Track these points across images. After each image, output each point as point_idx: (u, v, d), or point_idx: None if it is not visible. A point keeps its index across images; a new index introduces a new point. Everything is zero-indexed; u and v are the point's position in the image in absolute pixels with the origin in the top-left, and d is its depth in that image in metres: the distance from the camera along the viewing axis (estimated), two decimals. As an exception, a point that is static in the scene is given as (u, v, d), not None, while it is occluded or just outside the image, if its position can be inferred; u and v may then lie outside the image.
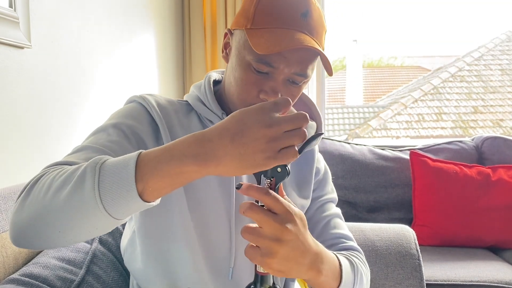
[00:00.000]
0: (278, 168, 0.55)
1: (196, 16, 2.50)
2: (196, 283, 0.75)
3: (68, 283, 0.81)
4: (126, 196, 0.51)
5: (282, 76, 0.71)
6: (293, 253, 0.56)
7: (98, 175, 0.52)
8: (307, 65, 0.71)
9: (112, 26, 1.68)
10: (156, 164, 0.51)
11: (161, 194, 0.54)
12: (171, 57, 2.36)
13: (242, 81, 0.72)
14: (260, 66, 0.70)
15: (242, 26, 0.72)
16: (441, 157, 2.03)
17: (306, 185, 0.86)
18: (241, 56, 0.72)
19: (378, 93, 11.72)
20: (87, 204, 0.52)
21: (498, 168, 1.93)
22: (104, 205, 0.51)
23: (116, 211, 0.52)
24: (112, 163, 0.53)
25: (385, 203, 2.01)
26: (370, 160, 2.04)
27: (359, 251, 0.84)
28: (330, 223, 0.85)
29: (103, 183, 0.52)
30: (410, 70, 12.71)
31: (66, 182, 0.54)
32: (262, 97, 0.71)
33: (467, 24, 32.52)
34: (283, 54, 0.68)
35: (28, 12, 1.16)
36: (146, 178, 0.51)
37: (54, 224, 0.54)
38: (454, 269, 1.59)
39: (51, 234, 0.55)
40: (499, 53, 8.33)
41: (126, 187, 0.51)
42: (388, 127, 7.35)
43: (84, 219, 0.53)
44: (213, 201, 0.77)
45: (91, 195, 0.51)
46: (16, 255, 0.87)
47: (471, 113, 7.48)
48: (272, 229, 0.54)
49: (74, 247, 0.91)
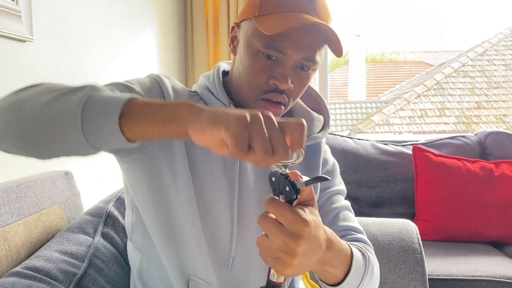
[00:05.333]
0: (287, 188, 0.54)
1: (198, 12, 2.49)
2: (200, 270, 0.76)
3: (71, 276, 0.81)
4: (107, 118, 0.51)
5: (291, 62, 0.71)
6: (305, 259, 0.55)
7: (90, 94, 0.53)
8: (316, 50, 0.71)
9: (114, 20, 1.67)
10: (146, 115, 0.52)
11: (139, 136, 0.53)
12: (174, 53, 2.35)
13: (251, 68, 0.72)
14: (269, 52, 0.70)
15: (250, 15, 0.73)
16: (444, 152, 2.02)
17: (314, 174, 0.86)
18: (249, 44, 0.72)
19: (381, 88, 11.69)
20: (68, 110, 0.53)
21: (501, 163, 1.93)
22: (82, 118, 0.52)
23: (90, 131, 0.52)
24: (108, 93, 0.54)
25: (388, 198, 2.01)
26: (373, 155, 2.03)
27: (368, 244, 0.83)
28: (339, 215, 0.85)
29: (92, 100, 0.53)
30: (413, 65, 12.67)
31: (61, 89, 0.56)
32: (272, 82, 0.71)
33: (470, 19, 32.32)
34: (292, 38, 0.68)
35: (30, 6, 1.16)
36: (131, 114, 0.52)
37: (29, 117, 0.55)
38: (456, 264, 1.59)
39: (21, 126, 0.55)
40: (502, 48, 8.29)
41: (110, 112, 0.51)
42: (391, 123, 7.33)
43: (60, 125, 0.53)
44: (217, 191, 0.77)
45: (76, 104, 0.52)
46: (19, 249, 0.88)
47: (474, 108, 7.46)
48: (280, 242, 0.52)
49: (76, 241, 0.91)
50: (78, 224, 0.97)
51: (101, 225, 0.98)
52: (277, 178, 0.54)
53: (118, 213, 1.03)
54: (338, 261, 0.65)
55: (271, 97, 0.73)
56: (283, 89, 0.72)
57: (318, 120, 0.85)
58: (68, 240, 0.91)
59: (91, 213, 1.01)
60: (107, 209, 1.02)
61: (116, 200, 1.05)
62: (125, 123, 0.51)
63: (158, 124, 0.52)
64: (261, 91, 0.73)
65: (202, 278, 0.77)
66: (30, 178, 1.01)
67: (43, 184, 1.03)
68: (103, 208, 1.02)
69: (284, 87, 0.71)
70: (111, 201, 1.04)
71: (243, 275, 0.79)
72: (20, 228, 0.89)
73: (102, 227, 0.97)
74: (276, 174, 0.54)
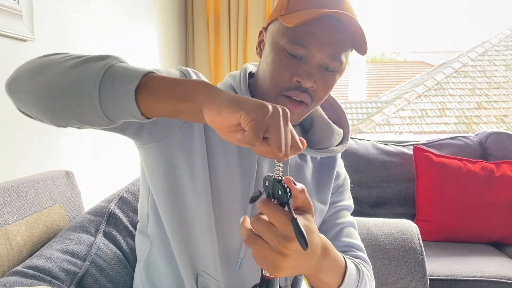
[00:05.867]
0: (279, 191, 0.55)
1: (199, 11, 2.49)
2: (209, 267, 0.77)
3: (72, 275, 0.81)
4: (124, 88, 0.52)
5: (316, 60, 0.70)
6: (297, 262, 0.56)
7: (112, 64, 0.54)
8: (341, 48, 0.70)
9: (115, 20, 1.67)
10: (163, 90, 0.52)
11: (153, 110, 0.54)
12: (174, 52, 2.35)
13: (276, 65, 0.71)
14: (294, 48, 0.69)
15: (276, 16, 0.73)
16: (445, 152, 2.02)
17: (325, 188, 0.86)
18: (275, 42, 0.72)
19: (381, 88, 11.68)
20: (88, 78, 0.53)
21: (502, 163, 1.92)
22: (101, 85, 0.52)
23: (106, 99, 0.53)
24: (129, 65, 0.55)
25: (388, 198, 2.00)
26: (374, 155, 2.03)
27: (367, 262, 0.84)
28: (343, 230, 0.85)
29: (112, 69, 0.53)
30: (414, 65, 12.65)
31: (83, 57, 0.56)
32: (296, 79, 0.70)
33: (471, 20, 32.28)
34: (316, 34, 0.68)
35: (31, 5, 1.15)
36: (148, 87, 0.52)
37: (49, 74, 0.56)
38: (457, 264, 1.59)
39: (41, 89, 0.56)
40: (503, 49, 8.28)
41: (128, 82, 0.52)
42: (391, 123, 7.32)
43: (78, 90, 0.54)
44: (233, 190, 0.77)
45: (96, 72, 0.53)
46: (21, 248, 0.88)
47: (474, 108, 7.45)
48: (271, 243, 0.53)
49: (78, 240, 0.91)
50: (80, 224, 0.97)
51: (103, 224, 0.98)
52: (270, 182, 0.56)
53: (120, 212, 1.02)
54: (333, 271, 0.65)
55: (293, 95, 0.71)
56: (307, 87, 0.71)
57: (338, 133, 0.84)
58: (69, 239, 0.91)
59: (93, 212, 1.01)
60: (110, 208, 1.02)
61: (118, 200, 1.05)
62: (141, 95, 0.52)
63: (174, 100, 0.51)
64: (283, 88, 0.71)
65: (211, 275, 0.77)
66: (31, 177, 1.01)
67: (44, 184, 1.03)
68: (105, 207, 1.02)
69: (307, 84, 0.69)
70: (113, 201, 1.04)
71: (250, 278, 0.79)
72: (21, 227, 0.89)
73: (104, 226, 0.97)
74: (269, 179, 0.56)
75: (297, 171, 0.82)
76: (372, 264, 1.23)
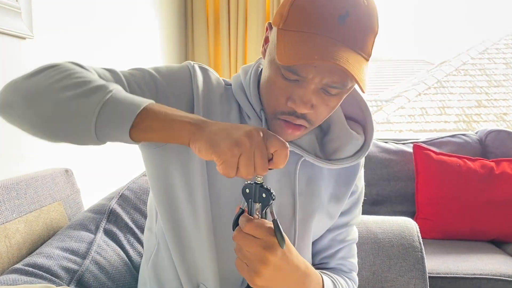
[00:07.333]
0: (263, 194, 0.59)
1: (199, 11, 2.49)
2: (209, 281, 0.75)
3: (72, 273, 0.81)
4: (120, 127, 0.55)
5: (313, 86, 0.63)
6: (277, 273, 0.60)
7: (107, 96, 0.56)
8: (342, 78, 0.62)
9: (115, 18, 1.67)
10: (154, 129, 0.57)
11: (145, 141, 0.58)
12: (174, 52, 2.35)
13: (271, 84, 0.66)
14: (287, 74, 0.63)
15: (276, 24, 0.66)
16: (445, 150, 2.02)
17: (337, 203, 0.82)
18: (271, 56, 0.66)
19: (381, 86, 11.67)
20: (84, 112, 0.55)
21: (501, 161, 1.92)
22: (96, 124, 0.55)
23: (102, 133, 0.56)
24: (123, 100, 0.57)
25: (388, 196, 2.00)
26: (373, 153, 2.03)
27: (354, 281, 0.86)
28: (344, 248, 0.86)
29: (106, 107, 0.55)
30: (414, 64, 12.64)
31: (80, 84, 0.57)
32: (290, 105, 0.64)
33: (471, 18, 32.28)
34: (312, 64, 0.61)
35: (30, 2, 1.15)
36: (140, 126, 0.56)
37: (44, 105, 0.57)
38: (457, 262, 1.59)
39: (36, 120, 0.58)
40: (503, 47, 8.27)
41: (121, 124, 0.55)
42: (391, 121, 7.32)
43: (73, 121, 0.56)
44: (231, 201, 0.74)
45: (92, 109, 0.55)
46: (20, 245, 0.88)
47: (474, 107, 7.44)
48: (253, 252, 0.59)
49: (78, 238, 0.91)
50: (80, 221, 0.97)
51: (104, 222, 0.97)
52: (251, 189, 0.60)
53: (121, 210, 1.02)
54: None
55: (289, 119, 0.66)
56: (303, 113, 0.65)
57: (356, 139, 0.76)
58: (69, 237, 0.91)
59: (93, 210, 1.01)
60: (110, 206, 1.01)
61: (119, 198, 1.05)
62: (134, 132, 0.56)
63: (164, 138, 0.57)
64: (278, 112, 0.67)
65: None
66: (30, 175, 1.01)
67: (43, 181, 1.02)
68: (105, 205, 1.02)
69: (302, 111, 0.64)
70: (114, 198, 1.04)
71: None
72: (20, 225, 0.89)
73: (105, 224, 0.97)
74: (250, 185, 0.60)
75: (306, 184, 0.77)
76: (371, 261, 1.23)
